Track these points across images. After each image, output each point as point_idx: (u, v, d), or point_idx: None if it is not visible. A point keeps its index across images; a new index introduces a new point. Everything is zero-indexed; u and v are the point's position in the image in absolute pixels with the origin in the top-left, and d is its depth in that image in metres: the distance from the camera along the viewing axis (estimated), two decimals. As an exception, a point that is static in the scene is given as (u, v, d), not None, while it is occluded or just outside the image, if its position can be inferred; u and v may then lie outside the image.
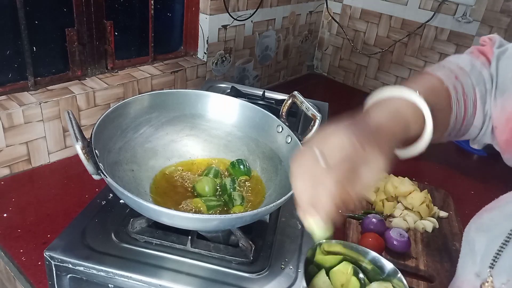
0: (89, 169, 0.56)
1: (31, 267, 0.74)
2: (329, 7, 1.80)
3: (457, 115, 0.53)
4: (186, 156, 0.79)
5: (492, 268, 0.47)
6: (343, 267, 0.55)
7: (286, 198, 0.57)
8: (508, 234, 0.47)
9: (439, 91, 0.51)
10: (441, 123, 0.50)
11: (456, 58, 0.56)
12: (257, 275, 0.59)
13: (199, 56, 1.36)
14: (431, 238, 0.98)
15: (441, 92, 0.51)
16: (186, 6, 1.28)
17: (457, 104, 0.52)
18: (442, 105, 0.51)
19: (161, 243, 0.61)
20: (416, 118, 0.47)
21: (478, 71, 0.54)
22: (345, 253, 0.57)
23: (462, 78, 0.53)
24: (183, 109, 0.78)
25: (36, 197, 0.91)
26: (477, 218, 0.54)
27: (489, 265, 0.48)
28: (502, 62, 0.53)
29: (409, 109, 0.47)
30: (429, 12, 1.55)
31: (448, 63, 0.55)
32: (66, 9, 1.00)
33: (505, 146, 0.53)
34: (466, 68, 0.54)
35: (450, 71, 0.54)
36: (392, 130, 0.44)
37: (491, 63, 0.54)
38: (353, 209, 0.43)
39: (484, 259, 0.49)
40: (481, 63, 0.55)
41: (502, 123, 0.51)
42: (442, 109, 0.51)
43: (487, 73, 0.54)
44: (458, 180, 1.27)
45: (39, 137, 0.98)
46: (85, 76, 1.09)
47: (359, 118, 0.44)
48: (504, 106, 0.51)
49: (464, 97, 0.52)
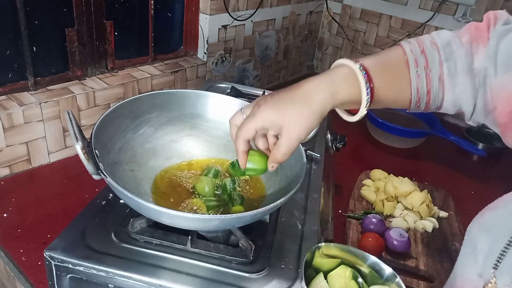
0: (89, 169, 0.56)
1: (31, 267, 0.74)
2: (329, 7, 1.80)
3: (418, 88, 0.53)
4: (186, 156, 0.79)
5: (495, 269, 0.47)
6: (341, 270, 0.55)
7: (286, 198, 0.57)
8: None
9: (395, 63, 0.54)
10: (395, 92, 0.54)
11: (437, 33, 0.55)
12: (257, 275, 0.59)
13: (199, 56, 1.36)
14: (431, 238, 0.98)
15: (398, 65, 0.54)
16: (186, 6, 1.28)
17: (417, 77, 0.53)
18: (396, 76, 0.54)
19: (161, 243, 0.61)
20: (353, 86, 0.52)
21: (452, 49, 0.53)
22: (344, 256, 0.56)
23: (428, 52, 0.53)
24: (183, 109, 0.78)
25: (36, 197, 0.91)
26: (480, 217, 0.54)
27: (492, 266, 0.47)
28: (506, 39, 0.51)
29: (347, 77, 0.53)
30: (429, 12, 1.55)
31: (425, 37, 0.55)
32: (66, 9, 1.00)
33: (504, 129, 0.51)
34: (439, 43, 0.54)
35: (419, 45, 0.54)
36: (318, 96, 0.52)
37: (490, 40, 0.52)
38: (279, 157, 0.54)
39: (487, 259, 0.48)
40: (459, 42, 0.53)
41: (502, 104, 0.50)
42: (396, 79, 0.54)
43: (462, 52, 0.53)
44: (458, 180, 1.27)
45: (39, 137, 0.98)
46: (85, 76, 1.09)
47: (295, 84, 0.54)
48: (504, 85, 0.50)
49: (426, 71, 0.53)
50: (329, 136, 1.01)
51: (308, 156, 0.85)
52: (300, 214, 0.72)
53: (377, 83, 0.53)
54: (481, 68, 0.52)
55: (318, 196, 0.77)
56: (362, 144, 1.41)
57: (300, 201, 0.74)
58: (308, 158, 0.85)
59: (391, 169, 1.17)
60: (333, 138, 1.02)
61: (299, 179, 0.61)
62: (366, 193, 1.09)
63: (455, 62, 0.52)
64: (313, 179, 0.81)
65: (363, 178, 1.17)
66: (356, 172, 1.20)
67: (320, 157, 0.86)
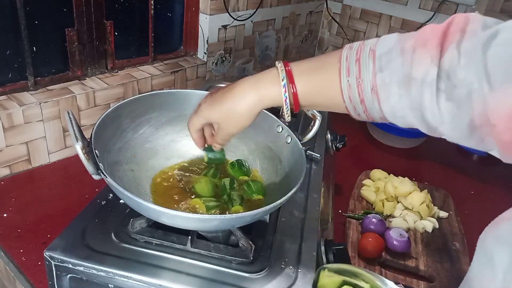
0: (89, 169, 0.56)
1: (31, 267, 0.74)
2: (329, 7, 1.80)
3: (350, 97, 0.51)
4: (186, 156, 0.79)
5: None
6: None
7: (286, 198, 0.57)
8: None
9: (329, 69, 0.53)
10: (326, 98, 0.54)
11: (383, 39, 0.52)
12: (257, 275, 0.59)
13: (199, 56, 1.36)
14: (431, 238, 0.98)
15: (330, 71, 0.53)
16: (186, 6, 1.28)
17: (348, 86, 0.51)
18: (325, 83, 0.53)
19: (161, 243, 0.61)
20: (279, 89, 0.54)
21: (391, 57, 0.49)
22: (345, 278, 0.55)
23: (362, 61, 0.51)
24: (183, 109, 0.78)
25: (36, 197, 0.91)
26: (494, 227, 0.50)
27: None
28: (494, 48, 0.44)
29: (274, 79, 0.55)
30: (429, 12, 1.55)
31: (369, 42, 0.52)
32: (66, 9, 1.00)
33: (506, 149, 0.45)
34: (378, 51, 0.50)
35: (357, 52, 0.52)
36: (244, 100, 0.55)
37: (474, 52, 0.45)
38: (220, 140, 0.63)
39: (507, 275, 0.45)
40: (399, 50, 0.49)
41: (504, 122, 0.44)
42: (326, 86, 0.53)
43: (399, 61, 0.48)
44: (458, 180, 1.27)
45: (39, 137, 0.98)
46: (85, 76, 1.09)
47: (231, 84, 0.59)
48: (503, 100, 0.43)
49: (358, 81, 0.51)
50: (329, 136, 1.01)
51: (308, 156, 0.85)
52: (300, 214, 0.72)
53: (303, 87, 0.53)
54: (422, 76, 0.47)
55: (318, 196, 0.77)
56: (362, 144, 1.41)
57: (300, 201, 0.74)
58: (308, 158, 0.85)
59: (391, 169, 1.17)
60: (333, 138, 1.02)
61: (299, 179, 0.61)
62: (366, 193, 1.09)
63: (391, 72, 0.49)
64: (313, 179, 0.81)
65: (363, 178, 1.17)
66: (356, 172, 1.20)
67: (320, 157, 0.86)
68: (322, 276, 0.55)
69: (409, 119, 0.51)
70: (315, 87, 0.54)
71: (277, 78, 0.54)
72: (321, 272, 0.55)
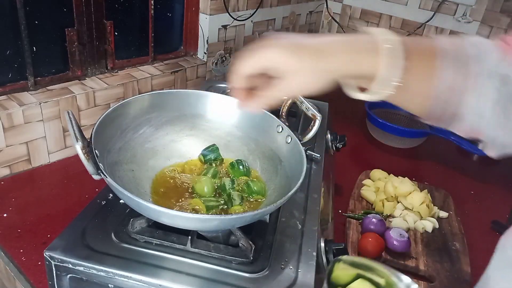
0: (89, 169, 0.56)
1: (31, 267, 0.74)
2: (329, 7, 1.80)
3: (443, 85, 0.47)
4: (186, 156, 0.79)
5: None
6: (359, 284, 0.53)
7: (286, 198, 0.57)
8: None
9: (426, 50, 0.47)
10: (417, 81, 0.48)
11: (465, 36, 0.49)
12: (257, 275, 0.59)
13: (199, 56, 1.36)
14: (431, 238, 0.98)
15: (429, 55, 0.47)
16: (186, 6, 1.28)
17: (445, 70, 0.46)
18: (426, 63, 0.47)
19: (161, 243, 0.61)
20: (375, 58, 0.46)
21: (485, 48, 0.47)
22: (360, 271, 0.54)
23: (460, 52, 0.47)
24: (183, 109, 0.78)
25: (36, 197, 0.91)
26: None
27: None
28: None
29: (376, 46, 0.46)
30: (429, 12, 1.55)
31: (460, 38, 0.49)
32: (66, 9, 1.00)
33: None
34: (468, 43, 0.48)
35: (455, 42, 0.48)
36: (339, 56, 0.46)
37: None
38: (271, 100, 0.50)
39: None
40: (491, 45, 0.47)
41: None
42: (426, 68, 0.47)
43: (494, 56, 0.46)
44: (458, 180, 1.27)
45: (39, 137, 0.98)
46: (85, 76, 1.09)
47: (316, 35, 0.48)
48: None
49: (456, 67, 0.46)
50: (329, 136, 1.01)
51: (308, 156, 0.85)
52: (300, 214, 0.72)
53: (411, 66, 0.46)
54: None
55: (318, 196, 0.77)
56: (362, 144, 1.41)
57: (300, 201, 0.74)
58: (308, 158, 0.85)
59: (391, 169, 1.17)
60: (333, 138, 1.02)
61: (299, 179, 0.61)
62: (366, 193, 1.09)
63: (483, 63, 0.46)
64: (313, 179, 0.81)
65: (363, 178, 1.17)
66: (356, 172, 1.20)
67: (320, 157, 0.86)
68: (336, 267, 0.54)
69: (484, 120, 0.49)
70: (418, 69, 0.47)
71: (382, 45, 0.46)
72: (336, 264, 0.54)
